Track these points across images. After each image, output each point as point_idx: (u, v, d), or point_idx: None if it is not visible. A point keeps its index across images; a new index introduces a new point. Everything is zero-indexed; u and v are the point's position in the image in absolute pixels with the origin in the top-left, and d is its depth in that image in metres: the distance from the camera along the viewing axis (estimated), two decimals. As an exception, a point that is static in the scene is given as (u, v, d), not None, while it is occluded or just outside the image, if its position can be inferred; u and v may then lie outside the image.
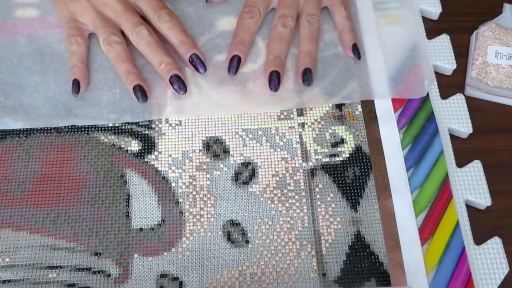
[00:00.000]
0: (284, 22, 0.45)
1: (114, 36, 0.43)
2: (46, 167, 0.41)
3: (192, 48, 0.44)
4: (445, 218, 0.40)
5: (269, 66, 0.44)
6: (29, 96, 0.44)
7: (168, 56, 0.43)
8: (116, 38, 0.43)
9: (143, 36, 0.43)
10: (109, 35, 0.43)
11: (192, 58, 0.44)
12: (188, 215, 0.40)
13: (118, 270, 0.38)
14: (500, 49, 0.46)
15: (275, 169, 0.41)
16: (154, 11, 0.44)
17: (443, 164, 0.42)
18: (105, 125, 0.43)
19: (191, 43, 0.44)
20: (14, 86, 0.44)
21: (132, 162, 0.42)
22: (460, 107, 0.45)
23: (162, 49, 0.43)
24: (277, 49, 0.44)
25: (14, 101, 0.43)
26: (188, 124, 0.43)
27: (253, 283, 0.37)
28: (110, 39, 0.43)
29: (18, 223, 0.39)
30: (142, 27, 0.43)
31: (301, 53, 0.44)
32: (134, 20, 0.43)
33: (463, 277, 0.37)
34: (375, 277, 0.37)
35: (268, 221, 0.39)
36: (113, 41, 0.43)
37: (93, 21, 0.44)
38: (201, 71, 0.44)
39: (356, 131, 0.43)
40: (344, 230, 0.39)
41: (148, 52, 0.43)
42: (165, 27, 0.44)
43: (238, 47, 0.44)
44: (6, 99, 0.43)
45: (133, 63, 0.43)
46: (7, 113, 0.43)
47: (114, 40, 0.43)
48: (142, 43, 0.43)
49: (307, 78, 0.43)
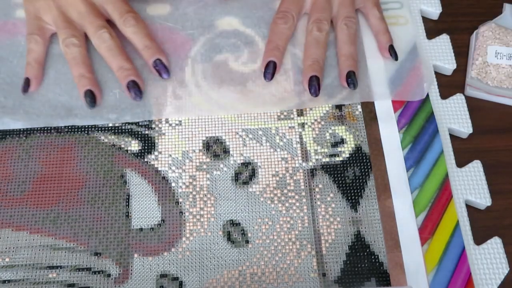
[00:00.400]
0: (319, 26, 0.45)
1: (74, 38, 0.43)
2: (46, 167, 0.41)
3: (156, 53, 0.44)
4: (445, 218, 0.40)
5: (308, 71, 0.43)
6: (29, 96, 0.44)
7: (127, 62, 0.43)
8: (75, 40, 0.43)
9: (104, 39, 0.43)
10: (69, 37, 0.43)
11: (156, 63, 0.44)
12: (188, 215, 0.40)
13: (118, 270, 0.38)
14: (500, 49, 0.46)
15: (275, 169, 0.41)
16: (120, 15, 0.44)
17: (443, 164, 0.42)
18: (105, 125, 0.43)
19: (155, 48, 0.44)
20: (14, 86, 0.44)
21: (132, 162, 0.42)
22: (460, 107, 0.45)
23: (122, 54, 0.43)
24: (315, 54, 0.44)
25: (14, 101, 0.43)
26: (188, 124, 0.43)
27: (253, 283, 0.37)
28: (68, 40, 0.43)
29: (18, 223, 0.39)
30: (104, 30, 0.43)
31: (343, 56, 0.44)
32: (97, 23, 0.43)
33: (463, 277, 0.37)
34: (375, 277, 0.37)
35: (268, 221, 0.39)
36: (71, 43, 0.43)
37: (56, 21, 0.44)
38: (164, 77, 0.44)
39: (356, 131, 0.43)
40: (344, 230, 0.39)
41: (108, 56, 0.43)
42: (130, 31, 0.44)
43: (273, 52, 0.44)
44: (6, 99, 0.43)
45: (88, 67, 0.43)
46: (7, 113, 0.43)
47: (72, 42, 0.43)
48: (103, 46, 0.43)
49: (352, 81, 0.43)
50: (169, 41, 0.46)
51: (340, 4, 0.46)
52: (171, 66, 0.45)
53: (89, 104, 0.42)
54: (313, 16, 0.45)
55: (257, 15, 0.48)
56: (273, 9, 0.48)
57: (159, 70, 0.44)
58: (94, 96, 0.42)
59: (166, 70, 0.44)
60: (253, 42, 0.47)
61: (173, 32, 0.47)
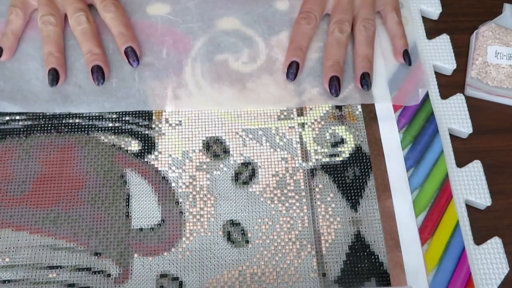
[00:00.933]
0: (341, 28, 0.45)
1: (51, 16, 0.44)
2: (46, 167, 0.41)
3: (129, 41, 0.44)
4: (445, 218, 0.40)
5: (329, 71, 0.44)
6: (28, 81, 0.44)
7: (98, 47, 0.44)
8: (52, 19, 0.44)
9: (80, 22, 0.44)
10: (46, 14, 0.44)
11: (127, 51, 0.44)
12: (188, 215, 0.40)
13: (118, 270, 0.38)
14: (500, 49, 0.46)
15: (275, 169, 0.41)
16: (101, 0, 0.45)
17: (443, 164, 0.42)
18: (105, 125, 0.43)
19: (129, 35, 0.45)
20: (14, 71, 0.44)
21: (132, 162, 0.42)
22: (460, 107, 0.45)
23: (94, 38, 0.44)
24: (336, 54, 0.44)
25: (13, 86, 0.44)
26: (188, 124, 0.43)
27: (253, 283, 0.37)
28: (46, 18, 0.44)
29: (18, 223, 0.39)
30: (81, 13, 0.44)
31: (359, 57, 0.44)
32: (77, 5, 0.44)
33: (463, 277, 0.37)
34: (375, 277, 0.37)
35: (268, 221, 0.39)
36: (48, 21, 0.44)
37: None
38: (133, 65, 0.44)
39: (356, 131, 0.43)
40: (344, 230, 0.39)
41: (81, 39, 0.44)
42: (109, 16, 0.45)
43: (296, 52, 0.44)
44: (5, 83, 0.44)
45: (58, 47, 0.44)
46: (5, 97, 0.43)
47: (49, 20, 0.44)
48: (78, 28, 0.44)
49: (366, 82, 0.43)
50: (169, 34, 0.46)
51: (361, 5, 0.46)
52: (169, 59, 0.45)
53: (50, 82, 0.43)
54: (335, 17, 0.45)
55: (257, 12, 0.48)
56: (273, 6, 0.48)
57: (128, 57, 0.44)
58: (58, 75, 0.43)
59: (136, 58, 0.44)
60: (253, 41, 0.47)
61: (173, 25, 0.47)
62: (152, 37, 0.47)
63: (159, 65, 0.45)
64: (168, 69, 0.45)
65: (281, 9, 0.49)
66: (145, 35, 0.47)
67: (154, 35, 0.47)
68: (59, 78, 0.43)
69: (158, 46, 0.46)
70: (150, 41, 0.46)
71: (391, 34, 0.47)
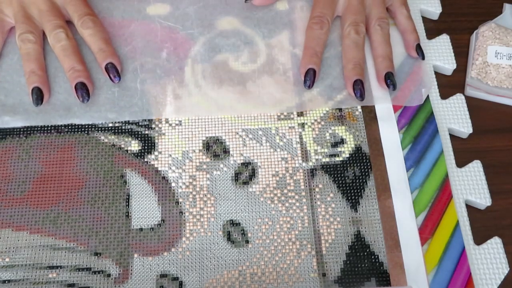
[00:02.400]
0: (357, 29, 0.45)
1: (30, 34, 0.44)
2: (46, 167, 0.41)
3: (109, 57, 0.44)
4: (445, 218, 0.40)
5: (351, 75, 0.44)
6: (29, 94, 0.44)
7: (79, 63, 0.43)
8: (30, 36, 0.44)
9: (59, 39, 0.44)
10: (25, 32, 0.44)
11: (107, 67, 0.44)
12: (188, 215, 0.40)
13: (118, 270, 0.38)
14: (500, 49, 0.46)
15: (275, 169, 0.41)
16: (79, 17, 0.44)
17: (443, 164, 0.42)
18: (105, 125, 0.43)
19: (109, 51, 0.44)
20: (14, 84, 0.44)
21: (132, 162, 0.42)
22: (460, 107, 0.45)
23: (75, 55, 0.44)
24: (356, 57, 0.44)
25: (14, 99, 0.43)
26: (188, 124, 0.43)
27: (253, 283, 0.37)
28: (24, 36, 0.44)
29: (18, 223, 0.39)
30: (60, 30, 0.44)
31: (379, 57, 0.44)
32: (55, 22, 0.44)
33: (463, 277, 0.37)
34: (375, 277, 0.37)
35: (268, 221, 0.39)
36: (27, 39, 0.44)
37: (16, 15, 0.44)
38: (114, 81, 0.44)
39: (356, 131, 0.43)
40: (344, 230, 0.39)
41: (61, 56, 0.44)
42: (87, 33, 0.44)
43: (312, 60, 0.44)
44: (6, 97, 0.44)
45: (40, 64, 0.44)
46: (7, 111, 0.43)
47: (28, 38, 0.44)
48: (58, 46, 0.44)
49: (392, 82, 0.43)
50: (169, 40, 0.46)
51: (372, 4, 0.46)
52: (170, 66, 0.45)
53: (35, 102, 0.42)
54: (349, 19, 0.45)
55: (257, 16, 0.48)
56: (273, 10, 0.48)
57: (109, 74, 0.44)
58: (42, 94, 0.43)
59: (117, 74, 0.44)
60: (253, 42, 0.47)
61: (173, 31, 0.47)
62: (153, 43, 0.46)
63: (161, 71, 0.45)
64: (170, 76, 0.45)
65: (280, 10, 0.49)
66: (146, 41, 0.46)
67: (154, 41, 0.46)
68: (43, 97, 0.43)
69: (158, 52, 0.46)
70: (150, 47, 0.46)
71: (402, 28, 0.46)
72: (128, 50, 0.45)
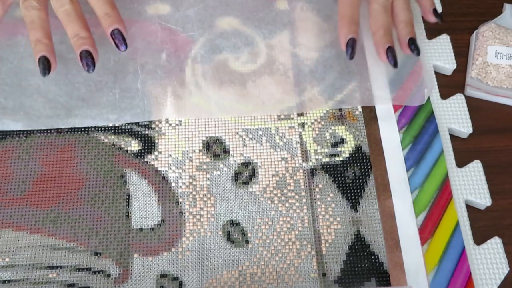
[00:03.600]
0: None
1: (33, 0, 0.41)
2: (46, 167, 0.41)
3: (116, 23, 0.41)
4: (445, 218, 0.40)
5: (384, 42, 0.41)
6: (30, 97, 0.44)
7: (85, 30, 0.40)
8: (34, 2, 0.41)
9: (62, 2, 0.40)
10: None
11: (114, 33, 0.41)
12: (188, 215, 0.40)
13: (118, 270, 0.38)
14: (500, 49, 0.46)
15: (275, 169, 0.41)
16: None
17: (443, 164, 0.42)
18: (105, 125, 0.43)
19: (116, 16, 0.41)
20: (14, 87, 0.44)
21: (132, 162, 0.42)
22: (460, 107, 0.45)
23: (80, 20, 0.40)
24: (386, 22, 0.42)
25: (14, 102, 0.43)
26: (188, 124, 0.43)
27: (253, 283, 0.37)
28: (28, 3, 0.41)
29: (18, 223, 0.39)
30: None
31: (402, 23, 0.42)
32: None
33: (463, 277, 0.37)
34: (375, 277, 0.37)
35: (268, 221, 0.39)
36: (30, 5, 0.41)
37: None
38: (121, 49, 0.41)
39: (356, 131, 0.43)
40: (344, 230, 0.39)
41: (65, 21, 0.40)
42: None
43: (351, 28, 0.42)
44: (6, 100, 0.43)
45: (46, 33, 0.40)
46: (7, 114, 0.43)
47: (31, 4, 0.41)
48: (61, 10, 0.40)
49: (415, 47, 0.42)
50: (169, 42, 0.46)
51: None
52: (171, 67, 0.45)
53: (42, 72, 0.40)
54: None
55: (257, 17, 0.48)
56: (274, 11, 0.48)
57: (116, 40, 0.41)
58: (49, 63, 0.40)
59: (124, 42, 0.41)
60: (253, 42, 0.47)
61: (173, 33, 0.47)
62: (153, 44, 0.46)
63: (161, 72, 0.45)
64: (171, 77, 0.45)
65: (281, 10, 0.49)
66: (146, 42, 0.46)
67: (155, 43, 0.46)
68: (51, 66, 0.40)
69: (159, 54, 0.46)
70: (151, 48, 0.46)
71: None
72: (128, 51, 0.45)
